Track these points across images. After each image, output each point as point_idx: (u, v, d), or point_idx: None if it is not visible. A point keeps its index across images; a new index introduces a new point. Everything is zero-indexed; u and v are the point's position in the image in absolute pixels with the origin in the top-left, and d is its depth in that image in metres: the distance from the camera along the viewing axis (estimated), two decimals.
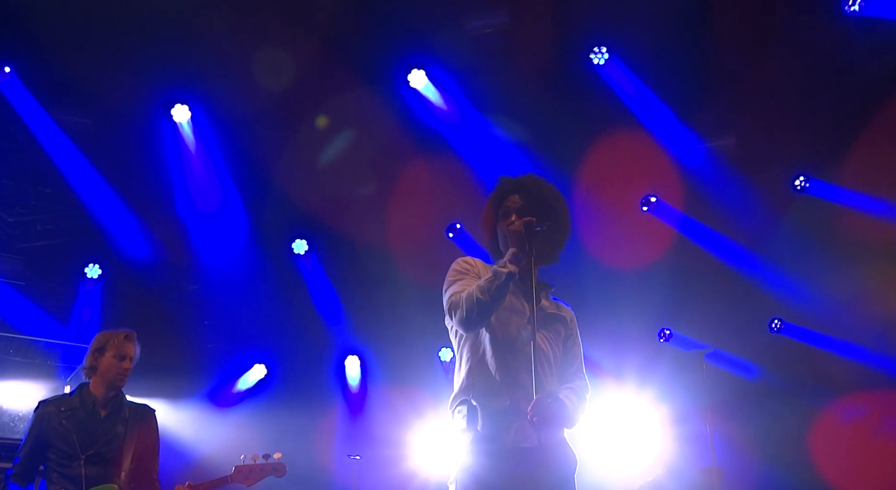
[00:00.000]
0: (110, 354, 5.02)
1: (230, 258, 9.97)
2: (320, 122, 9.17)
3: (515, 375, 3.57)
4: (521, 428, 3.50)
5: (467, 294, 3.53)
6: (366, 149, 9.55)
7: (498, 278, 3.49)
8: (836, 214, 9.80)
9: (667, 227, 10.39)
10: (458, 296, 3.58)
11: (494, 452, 3.47)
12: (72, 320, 9.54)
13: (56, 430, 4.89)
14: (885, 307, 9.70)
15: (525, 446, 3.48)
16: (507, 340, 3.63)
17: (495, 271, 3.52)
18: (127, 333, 5.12)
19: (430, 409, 9.95)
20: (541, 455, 3.43)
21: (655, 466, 9.07)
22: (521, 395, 3.53)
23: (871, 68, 8.91)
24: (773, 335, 10.68)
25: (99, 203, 9.31)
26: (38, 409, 5.03)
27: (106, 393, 5.03)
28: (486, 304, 3.49)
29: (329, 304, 10.65)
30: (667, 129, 9.58)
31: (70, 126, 8.81)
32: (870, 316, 9.82)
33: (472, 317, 3.51)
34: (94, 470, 4.86)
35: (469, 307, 3.50)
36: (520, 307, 3.70)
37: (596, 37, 9.02)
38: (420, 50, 8.93)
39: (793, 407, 10.14)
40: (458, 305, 3.54)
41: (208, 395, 10.15)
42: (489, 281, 3.51)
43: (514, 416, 3.51)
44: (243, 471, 5.33)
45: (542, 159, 9.39)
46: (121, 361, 5.01)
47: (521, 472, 3.43)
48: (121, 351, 5.03)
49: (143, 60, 8.29)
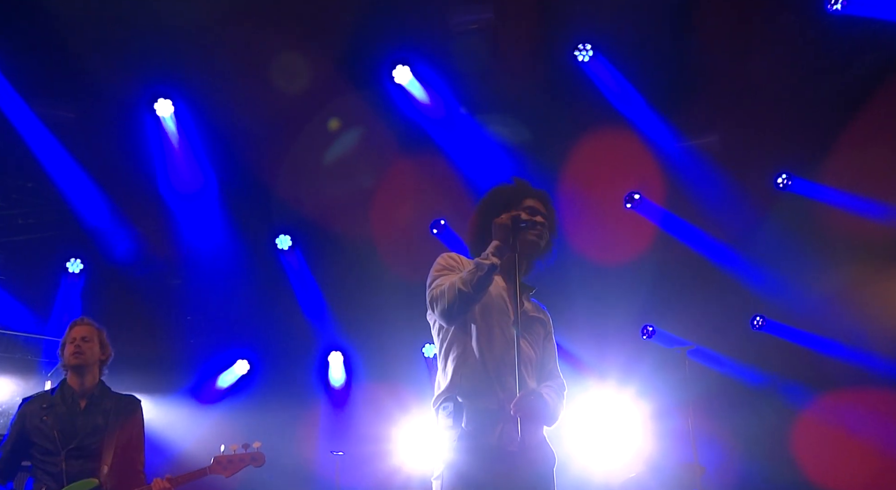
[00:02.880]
0: (67, 343, 5.12)
1: (213, 253, 9.94)
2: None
3: (501, 376, 3.57)
4: (507, 430, 3.51)
5: (449, 285, 3.54)
6: (350, 144, 9.53)
7: (480, 269, 3.49)
8: (818, 212, 9.85)
9: (650, 225, 10.43)
10: (440, 288, 3.58)
11: (478, 450, 3.48)
12: (53, 315, 9.49)
13: (38, 427, 4.92)
14: (866, 304, 9.77)
15: (510, 449, 3.49)
16: (492, 340, 3.63)
17: (477, 263, 3.52)
18: (74, 320, 5.25)
19: (413, 404, 9.94)
20: (523, 456, 3.44)
21: (637, 463, 9.11)
22: (507, 395, 3.53)
23: (854, 67, 8.97)
24: (754, 332, 10.73)
25: (81, 197, 9.26)
26: (20, 406, 5.10)
27: (81, 383, 5.05)
28: (468, 295, 3.50)
29: (313, 300, 10.63)
30: (650, 126, 9.61)
31: (52, 119, 8.75)
32: (851, 313, 9.88)
33: (453, 308, 3.52)
34: (76, 465, 4.86)
35: (451, 298, 3.50)
36: (504, 307, 3.71)
37: (580, 34, 9.04)
38: (405, 46, 8.92)
39: (774, 404, 10.20)
40: (441, 297, 3.55)
41: (191, 391, 10.11)
42: (471, 272, 3.51)
43: (499, 417, 3.52)
44: (222, 461, 5.32)
45: (526, 156, 9.41)
46: (73, 343, 5.08)
47: (504, 469, 3.45)
48: (72, 336, 5.14)
49: (126, 54, 8.25)
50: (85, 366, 5.09)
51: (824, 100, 9.18)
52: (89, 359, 5.10)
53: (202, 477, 5.28)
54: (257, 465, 5.45)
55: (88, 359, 5.09)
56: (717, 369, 10.60)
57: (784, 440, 9.66)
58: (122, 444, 5.05)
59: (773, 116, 9.40)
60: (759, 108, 9.35)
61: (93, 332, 5.17)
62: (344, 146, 9.47)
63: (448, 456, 3.53)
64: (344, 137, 9.45)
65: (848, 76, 9.00)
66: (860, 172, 9.37)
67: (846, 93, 9.05)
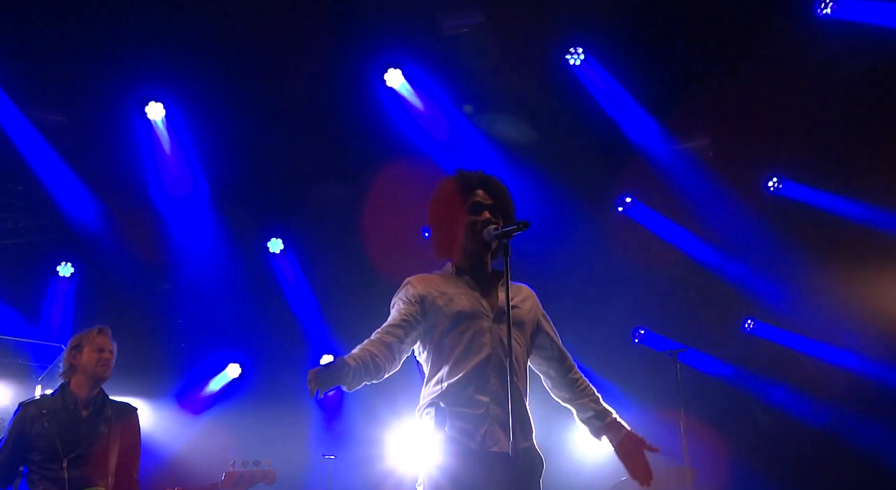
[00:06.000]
0: (89, 349, 5.01)
1: (205, 257, 9.91)
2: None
3: (485, 384, 3.55)
4: (491, 432, 3.50)
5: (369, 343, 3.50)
6: (342, 147, 9.53)
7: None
8: (809, 216, 9.89)
9: (642, 228, 10.45)
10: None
11: (463, 453, 3.46)
12: (43, 319, 9.45)
13: (38, 432, 4.83)
14: (857, 307, 9.81)
15: (494, 451, 3.48)
16: (474, 347, 3.60)
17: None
18: (101, 328, 5.13)
19: (405, 408, 9.92)
20: (510, 461, 3.40)
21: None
22: (492, 398, 3.53)
23: (844, 71, 9.01)
24: (746, 335, 10.75)
25: (72, 201, 9.22)
26: (18, 410, 4.98)
27: (89, 391, 5.00)
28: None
29: (304, 303, 10.61)
30: (642, 129, 9.63)
31: (43, 123, 8.72)
32: (842, 316, 9.92)
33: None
34: (78, 472, 4.81)
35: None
36: (481, 310, 3.67)
37: (572, 38, 9.05)
38: (396, 49, 8.92)
39: (765, 406, 10.23)
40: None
41: (182, 395, 10.08)
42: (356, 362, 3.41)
43: (484, 420, 3.51)
44: (234, 477, 5.31)
45: (518, 159, 9.41)
46: (100, 353, 5.00)
47: (489, 474, 3.42)
48: (98, 344, 5.04)
49: (117, 57, 8.23)
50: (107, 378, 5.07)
51: (815, 103, 9.21)
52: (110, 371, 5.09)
53: None
54: (269, 483, 5.44)
55: (110, 371, 5.08)
56: (708, 372, 10.62)
57: (774, 442, 9.69)
58: (121, 452, 5.02)
59: (764, 120, 9.44)
60: (750, 112, 9.38)
61: (114, 345, 5.15)
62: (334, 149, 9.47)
63: (432, 460, 3.50)
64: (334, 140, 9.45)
65: (838, 80, 9.04)
66: (850, 175, 9.41)
67: (837, 96, 9.09)
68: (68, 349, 5.07)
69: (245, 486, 5.33)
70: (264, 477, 5.40)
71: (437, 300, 3.66)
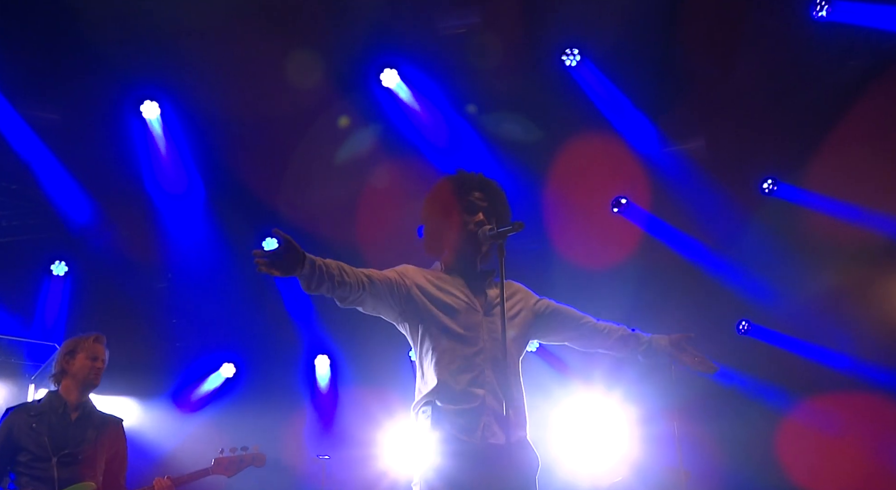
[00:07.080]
0: (82, 356, 5.03)
1: (199, 256, 9.90)
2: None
3: (479, 376, 3.57)
4: (489, 424, 3.51)
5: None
6: (337, 147, 9.52)
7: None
8: (804, 217, 9.89)
9: (636, 229, 10.45)
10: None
11: (461, 452, 3.46)
12: (36, 318, 9.43)
13: (26, 433, 4.84)
14: (851, 309, 9.82)
15: (492, 443, 3.48)
16: (466, 341, 3.61)
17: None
18: (96, 336, 5.15)
19: (399, 408, 9.91)
20: (507, 453, 3.42)
21: (622, 467, 9.11)
22: (487, 390, 3.54)
23: (839, 73, 9.02)
24: (740, 337, 10.75)
25: (66, 199, 9.21)
26: (5, 415, 5.00)
27: (79, 396, 5.02)
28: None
29: (299, 303, 10.60)
30: (637, 130, 9.64)
31: (37, 121, 8.70)
32: (836, 318, 9.93)
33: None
34: (67, 471, 4.82)
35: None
36: (471, 305, 3.69)
37: (568, 39, 9.06)
38: (392, 50, 8.92)
39: (759, 408, 10.23)
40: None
41: (176, 394, 10.06)
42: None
43: (481, 413, 3.52)
44: (223, 462, 5.35)
45: (513, 160, 9.41)
46: (94, 361, 5.01)
47: (487, 471, 3.42)
48: (92, 352, 5.06)
49: (112, 56, 8.21)
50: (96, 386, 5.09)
51: (810, 105, 9.23)
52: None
53: (204, 477, 5.31)
54: (259, 466, 5.48)
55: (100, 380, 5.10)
56: (702, 374, 10.60)
57: (769, 444, 9.69)
58: (109, 459, 5.05)
59: (759, 121, 9.44)
60: (745, 113, 9.39)
61: (106, 354, 5.16)
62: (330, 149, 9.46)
63: (429, 459, 3.50)
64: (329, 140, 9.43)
65: (833, 82, 9.05)
66: (845, 178, 9.42)
67: (831, 98, 9.10)
68: (62, 353, 5.08)
69: (235, 469, 5.38)
70: (253, 460, 5.44)
71: (427, 293, 3.66)
